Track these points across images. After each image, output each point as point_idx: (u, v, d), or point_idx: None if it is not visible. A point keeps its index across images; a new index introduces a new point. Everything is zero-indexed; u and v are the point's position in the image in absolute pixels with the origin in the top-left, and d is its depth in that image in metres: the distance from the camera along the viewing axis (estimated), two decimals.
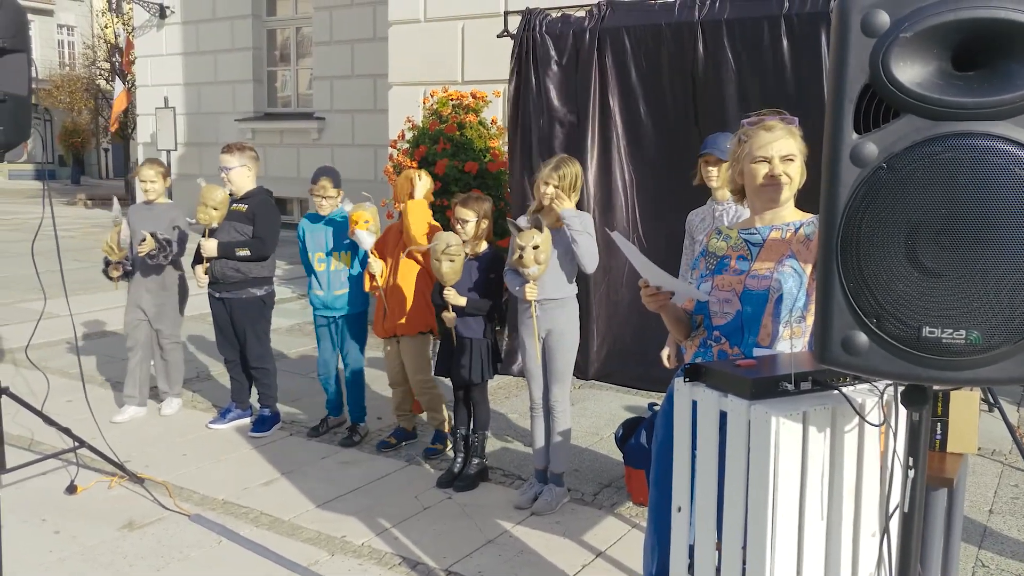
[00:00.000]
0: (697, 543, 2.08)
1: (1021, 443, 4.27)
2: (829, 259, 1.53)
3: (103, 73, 22.75)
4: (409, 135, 7.27)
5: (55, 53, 30.10)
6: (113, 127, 17.46)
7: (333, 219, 4.72)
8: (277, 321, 5.62)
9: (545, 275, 3.74)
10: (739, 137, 2.45)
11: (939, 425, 2.57)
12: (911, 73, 1.45)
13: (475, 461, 4.16)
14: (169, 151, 13.84)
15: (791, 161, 2.36)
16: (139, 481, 4.10)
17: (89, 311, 7.95)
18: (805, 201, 2.46)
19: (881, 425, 1.92)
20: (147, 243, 4.77)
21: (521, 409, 5.21)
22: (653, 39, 5.38)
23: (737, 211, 3.68)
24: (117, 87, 15.77)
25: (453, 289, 3.91)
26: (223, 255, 4.66)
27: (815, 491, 1.89)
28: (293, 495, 4.04)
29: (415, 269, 4.42)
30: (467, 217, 3.99)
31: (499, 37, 6.10)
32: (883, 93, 1.47)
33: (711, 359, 2.40)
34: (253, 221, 4.71)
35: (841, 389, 1.88)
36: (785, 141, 2.35)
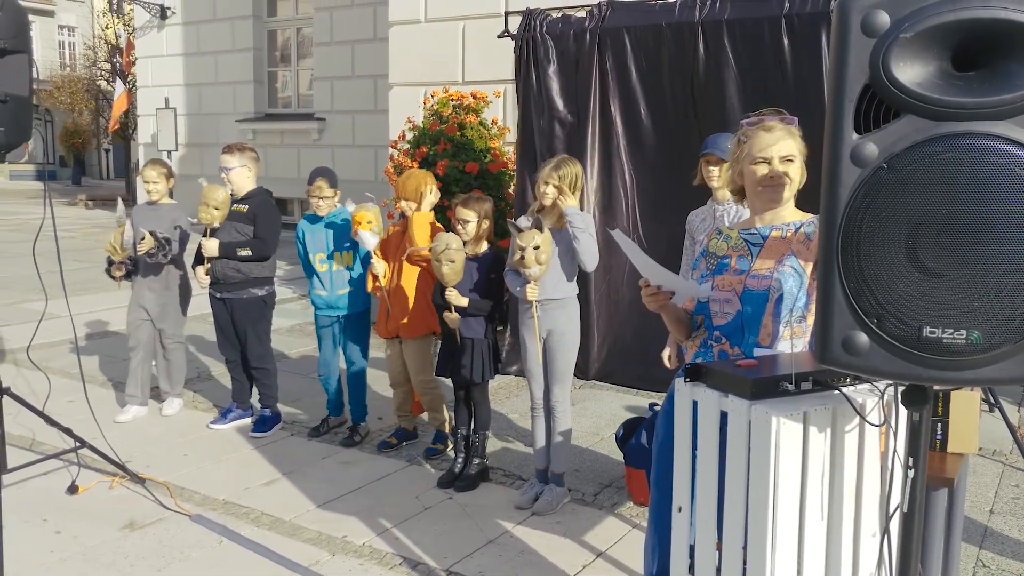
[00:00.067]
0: (698, 543, 2.08)
1: (1022, 443, 4.27)
2: (830, 259, 1.54)
3: (104, 74, 22.76)
4: (410, 135, 7.28)
5: (56, 54, 30.12)
6: (112, 127, 17.45)
7: (333, 219, 4.73)
8: (278, 321, 5.62)
9: (546, 275, 3.74)
10: (739, 138, 2.45)
11: (939, 425, 2.57)
12: (911, 73, 1.45)
13: (476, 461, 4.17)
14: (170, 152, 13.84)
15: (791, 162, 2.36)
16: (140, 481, 4.10)
17: (90, 311, 7.95)
18: (805, 201, 2.46)
19: (882, 425, 1.92)
20: (146, 241, 4.77)
21: (522, 409, 5.21)
22: (654, 39, 5.38)
23: (738, 211, 3.68)
24: (118, 88, 15.76)
25: (455, 290, 3.91)
26: (224, 255, 4.67)
27: (815, 491, 1.89)
28: (294, 495, 4.04)
29: (417, 270, 4.42)
30: (468, 217, 3.99)
31: (499, 37, 6.10)
32: (883, 93, 1.47)
33: (712, 359, 2.40)
34: (254, 221, 4.72)
35: (842, 389, 1.89)
36: (785, 142, 2.36)
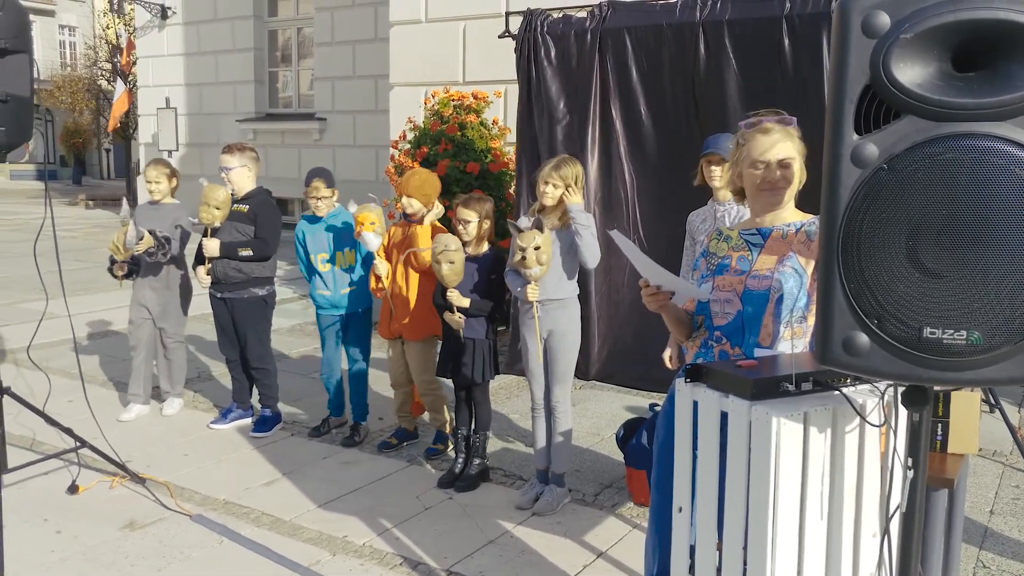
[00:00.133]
0: (698, 543, 2.08)
1: (1022, 444, 4.27)
2: (830, 260, 1.54)
3: (104, 74, 22.77)
4: (410, 136, 7.28)
5: (56, 53, 30.13)
6: (112, 127, 17.45)
7: (332, 219, 4.73)
8: (278, 321, 5.63)
9: (546, 276, 3.74)
10: (737, 140, 2.45)
11: (940, 426, 2.57)
12: (912, 74, 1.45)
13: (476, 461, 4.17)
14: (170, 151, 13.84)
15: (788, 165, 2.36)
16: (140, 481, 4.10)
17: (91, 311, 7.95)
18: (805, 201, 2.46)
19: (882, 426, 1.92)
20: (145, 240, 4.78)
21: (522, 409, 5.21)
22: (654, 40, 5.38)
23: (739, 212, 3.68)
24: (118, 88, 15.76)
25: (456, 290, 3.91)
26: (225, 255, 4.67)
27: (816, 492, 1.89)
28: (294, 495, 4.04)
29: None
30: (469, 218, 3.99)
31: (500, 38, 6.10)
32: (884, 94, 1.47)
33: (712, 359, 2.40)
34: (255, 221, 4.72)
35: (842, 390, 1.89)
36: (782, 144, 2.35)
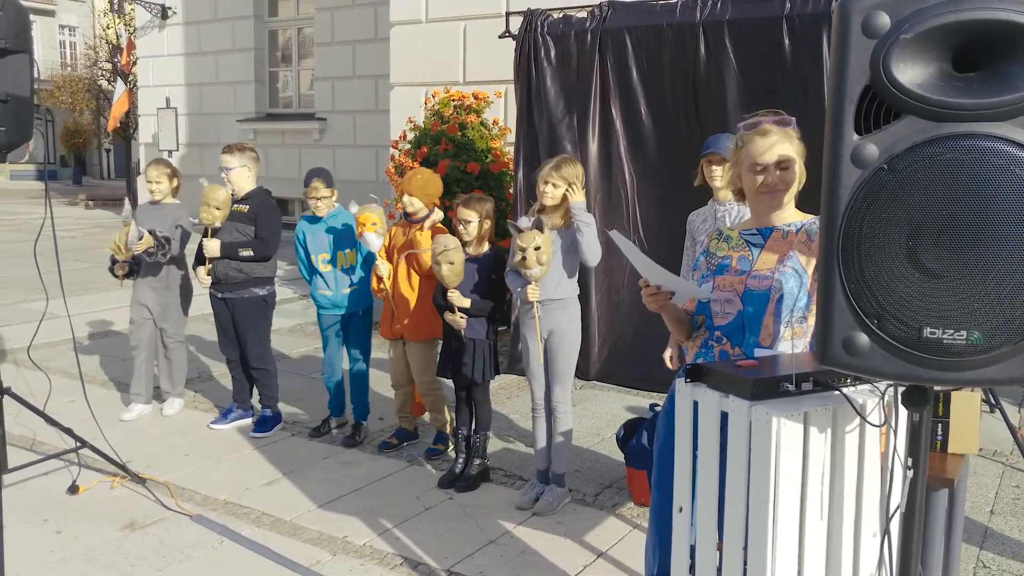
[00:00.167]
0: (698, 543, 2.08)
1: (1022, 444, 4.27)
2: (830, 260, 1.54)
3: (105, 74, 22.78)
4: (411, 136, 7.28)
5: (57, 53, 30.13)
6: (112, 127, 17.43)
7: (333, 219, 4.73)
8: (278, 322, 5.63)
9: (547, 276, 3.74)
10: (736, 142, 2.45)
11: (940, 426, 2.57)
12: (912, 74, 1.45)
13: (476, 462, 4.17)
14: (170, 151, 13.84)
15: (787, 168, 2.35)
16: (141, 481, 4.10)
17: (91, 311, 7.95)
18: (805, 202, 2.46)
19: (882, 426, 1.92)
20: (145, 240, 4.78)
21: (523, 410, 5.21)
22: (655, 40, 5.38)
23: (739, 212, 3.68)
24: (118, 88, 15.75)
25: (457, 291, 3.91)
26: (226, 256, 4.67)
27: (816, 491, 1.89)
28: (295, 495, 4.04)
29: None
30: (470, 218, 3.99)
31: (501, 38, 6.10)
32: (884, 94, 1.47)
33: (712, 359, 2.40)
34: (255, 222, 4.72)
35: (842, 390, 1.89)
36: (780, 147, 2.34)
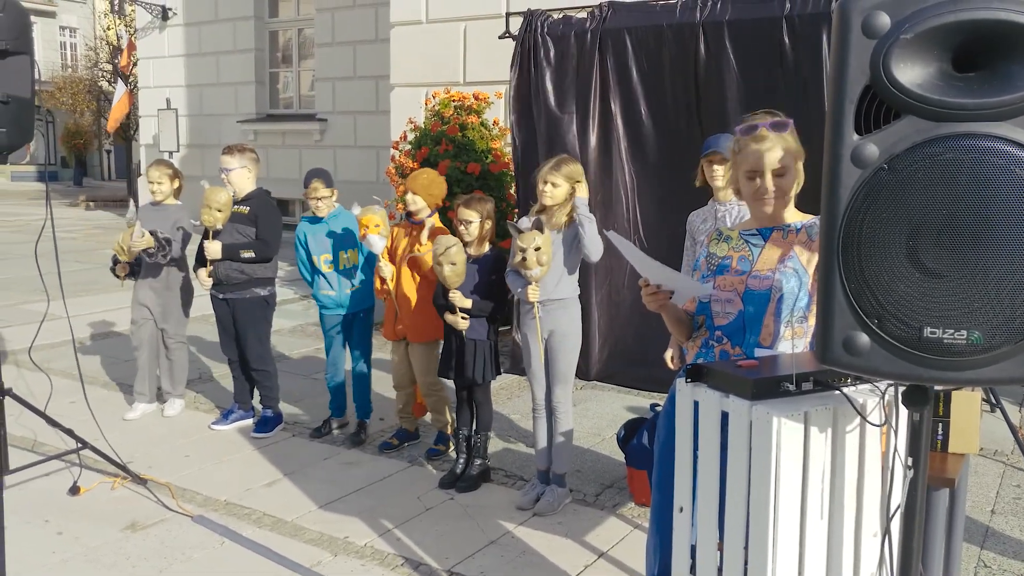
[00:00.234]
0: (699, 543, 2.09)
1: (1023, 443, 4.27)
2: (830, 260, 1.54)
3: (105, 75, 22.79)
4: (411, 136, 7.29)
5: (57, 55, 30.14)
6: (111, 128, 17.44)
7: (333, 220, 4.73)
8: (279, 322, 5.63)
9: (547, 276, 3.74)
10: (733, 146, 2.46)
11: (940, 425, 2.57)
12: (912, 74, 1.45)
13: (477, 462, 4.17)
14: (171, 152, 13.85)
15: (783, 174, 2.35)
16: (142, 482, 4.11)
17: (92, 312, 7.96)
18: (805, 201, 2.46)
19: (882, 425, 1.92)
20: (145, 239, 4.78)
21: (523, 410, 5.21)
22: (655, 40, 5.38)
23: (739, 212, 3.68)
24: (119, 89, 15.76)
25: (459, 291, 3.91)
26: (227, 257, 4.67)
27: (816, 491, 1.89)
28: (296, 496, 4.04)
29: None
30: (470, 218, 3.99)
31: (501, 38, 6.10)
32: (884, 94, 1.47)
33: (713, 359, 2.40)
34: (255, 223, 4.72)
35: (842, 389, 1.89)
36: (775, 152, 2.33)
